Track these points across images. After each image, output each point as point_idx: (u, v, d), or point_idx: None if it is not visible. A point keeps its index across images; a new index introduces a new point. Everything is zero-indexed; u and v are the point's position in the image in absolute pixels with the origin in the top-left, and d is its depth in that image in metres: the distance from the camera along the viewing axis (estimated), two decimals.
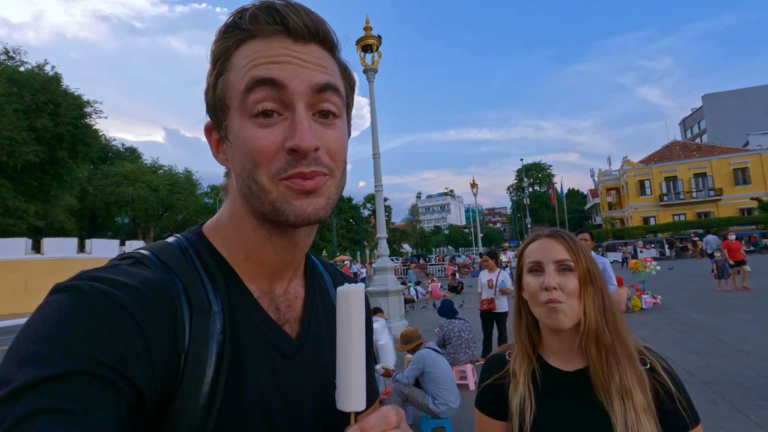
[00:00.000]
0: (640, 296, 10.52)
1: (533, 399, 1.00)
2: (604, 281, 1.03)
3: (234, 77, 0.54)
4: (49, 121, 23.27)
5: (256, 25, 0.53)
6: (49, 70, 25.23)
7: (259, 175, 0.53)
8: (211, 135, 0.60)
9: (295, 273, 0.67)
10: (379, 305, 8.23)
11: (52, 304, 0.45)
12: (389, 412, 0.48)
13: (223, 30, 0.55)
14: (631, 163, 44.44)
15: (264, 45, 0.53)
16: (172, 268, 0.54)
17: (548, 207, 61.76)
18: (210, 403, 0.49)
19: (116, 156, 41.03)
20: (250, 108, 0.52)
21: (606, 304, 1.01)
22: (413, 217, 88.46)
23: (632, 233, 38.04)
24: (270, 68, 0.52)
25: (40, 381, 0.38)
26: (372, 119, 9.76)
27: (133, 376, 0.43)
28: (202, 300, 0.53)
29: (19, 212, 23.38)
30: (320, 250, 52.92)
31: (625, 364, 0.95)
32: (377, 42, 9.42)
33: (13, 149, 21.66)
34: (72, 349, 0.40)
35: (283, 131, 0.53)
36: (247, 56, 0.53)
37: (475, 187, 30.08)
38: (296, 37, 0.54)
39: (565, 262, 1.01)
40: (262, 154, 0.52)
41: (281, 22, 0.53)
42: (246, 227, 0.59)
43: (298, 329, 0.64)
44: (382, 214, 9.59)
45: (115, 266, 0.51)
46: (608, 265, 5.02)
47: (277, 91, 0.52)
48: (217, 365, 0.51)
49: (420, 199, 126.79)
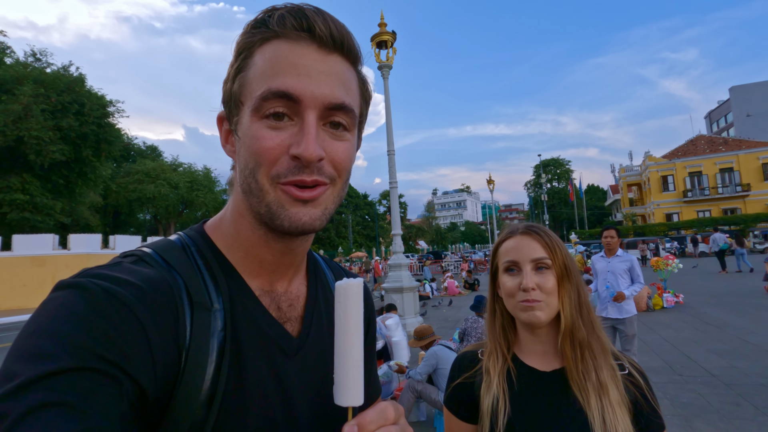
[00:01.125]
0: (662, 294, 10.27)
1: (507, 400, 0.96)
2: (579, 275, 1.01)
3: (252, 76, 0.54)
4: (74, 121, 23.96)
5: (282, 27, 0.54)
6: (73, 71, 25.96)
7: (260, 175, 0.54)
8: (223, 125, 0.61)
9: (296, 272, 0.67)
10: (393, 302, 8.25)
11: (55, 300, 0.45)
12: (387, 407, 0.48)
13: (251, 25, 0.56)
14: (654, 158, 43.22)
15: (287, 48, 0.54)
16: (174, 265, 0.54)
17: (567, 203, 60.68)
18: (211, 399, 0.50)
19: (138, 154, 42.06)
20: (262, 110, 0.53)
21: (581, 299, 0.99)
22: (429, 213, 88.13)
23: (654, 230, 37.07)
24: (287, 78, 0.52)
25: (44, 376, 0.39)
26: (387, 116, 9.75)
27: (135, 373, 0.44)
28: (203, 298, 0.54)
29: (46, 209, 24.19)
30: (336, 247, 53.24)
31: (600, 359, 0.94)
32: (392, 38, 9.39)
33: (40, 148, 22.41)
34: (75, 345, 0.41)
35: (290, 136, 0.53)
36: (268, 57, 0.54)
37: (491, 183, 29.76)
38: (320, 45, 0.55)
39: (542, 260, 0.98)
40: (266, 154, 0.53)
41: (308, 28, 0.54)
42: (245, 225, 0.59)
43: (299, 327, 0.64)
44: (396, 210, 9.59)
45: (117, 264, 0.52)
46: (636, 262, 4.90)
47: (291, 101, 0.53)
48: (217, 362, 0.52)
49: (436, 196, 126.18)
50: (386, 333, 4.96)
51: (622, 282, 4.85)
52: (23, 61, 25.36)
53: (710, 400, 4.46)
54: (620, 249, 5.05)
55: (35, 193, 23.46)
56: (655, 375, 5.36)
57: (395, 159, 9.58)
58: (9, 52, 26.02)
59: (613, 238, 4.97)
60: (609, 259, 4.99)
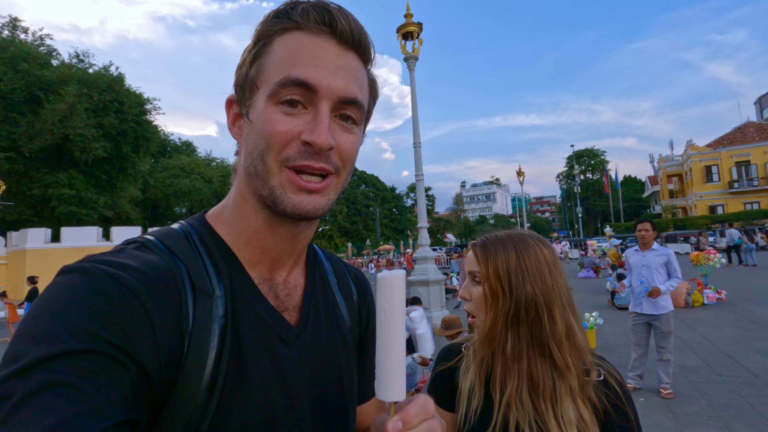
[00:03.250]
0: (702, 290, 9.79)
1: (482, 388, 1.00)
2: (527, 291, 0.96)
3: (271, 63, 0.56)
4: (115, 119, 25.14)
5: (305, 20, 0.56)
6: (113, 71, 27.20)
7: (269, 157, 0.55)
8: (231, 108, 0.62)
9: (296, 263, 0.68)
10: (419, 295, 8.25)
11: (60, 284, 0.46)
12: (428, 400, 0.49)
13: (273, 15, 0.58)
14: (697, 147, 40.97)
15: (308, 40, 0.56)
16: (176, 252, 0.55)
17: (601, 195, 58.57)
18: (212, 384, 0.51)
19: (174, 150, 43.72)
20: (279, 96, 0.55)
21: (523, 318, 0.95)
22: (457, 206, 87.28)
23: (696, 223, 35.26)
24: (307, 68, 0.54)
25: (49, 357, 0.40)
26: (413, 108, 9.68)
27: (139, 356, 0.44)
28: (204, 284, 0.55)
29: (91, 203, 25.58)
30: (364, 239, 53.64)
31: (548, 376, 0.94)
32: (418, 29, 9.28)
33: (84, 145, 23.66)
34: (80, 328, 0.42)
35: (303, 123, 0.55)
36: (288, 47, 0.55)
37: (521, 175, 29.10)
38: (339, 41, 0.57)
39: (475, 273, 1.03)
40: (277, 137, 0.54)
41: (329, 23, 0.56)
42: (248, 209, 0.60)
43: (297, 317, 0.65)
44: (423, 203, 9.55)
45: (121, 250, 0.54)
46: (673, 256, 4.70)
47: (308, 90, 0.55)
48: (219, 348, 0.53)
49: (464, 188, 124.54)
50: (410, 325, 4.97)
51: (657, 277, 4.67)
52: (68, 63, 26.79)
53: (752, 401, 4.24)
54: (656, 243, 4.85)
55: (80, 188, 24.84)
56: (692, 374, 5.15)
57: (421, 151, 9.53)
58: (55, 54, 27.56)
59: (648, 232, 4.77)
60: (644, 253, 4.81)
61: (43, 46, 27.05)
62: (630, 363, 4.88)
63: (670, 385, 4.57)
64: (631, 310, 4.89)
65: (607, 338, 7.10)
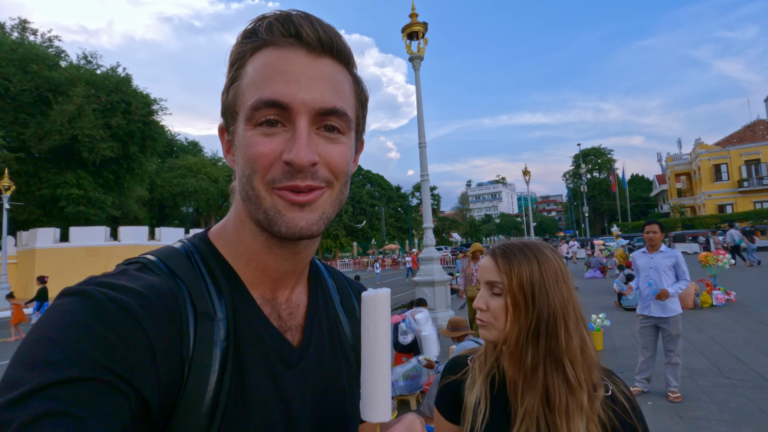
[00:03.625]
0: (711, 292, 9.67)
1: (488, 402, 0.99)
2: (549, 305, 0.95)
3: (244, 86, 0.55)
4: (122, 119, 25.33)
5: (270, 35, 0.54)
6: (121, 72, 27.41)
7: (256, 182, 0.54)
8: (224, 136, 0.62)
9: (298, 280, 0.67)
10: (424, 296, 8.23)
11: (61, 307, 0.45)
12: (414, 421, 0.48)
13: (242, 36, 0.57)
14: (705, 145, 40.48)
15: (276, 56, 0.54)
16: (178, 274, 0.55)
17: (608, 194, 58.11)
18: (213, 409, 0.50)
19: (180, 150, 43.93)
20: (254, 119, 0.54)
21: (545, 330, 0.94)
22: (463, 205, 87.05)
23: (705, 222, 34.85)
24: (277, 86, 0.53)
25: (49, 385, 0.39)
26: (418, 108, 9.65)
27: (139, 384, 0.44)
28: (207, 307, 0.54)
29: (99, 203, 25.81)
30: (369, 239, 53.65)
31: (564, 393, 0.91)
32: (423, 29, 9.25)
33: (92, 146, 23.86)
34: (80, 355, 0.41)
35: (283, 142, 0.53)
36: (258, 66, 0.54)
37: (527, 174, 28.93)
38: (309, 49, 0.55)
39: (495, 284, 1.00)
40: (259, 160, 0.53)
41: (295, 33, 0.54)
42: (246, 232, 0.60)
43: (300, 337, 0.64)
44: (428, 203, 9.52)
45: (123, 272, 0.53)
46: (681, 258, 4.64)
47: (282, 109, 0.53)
48: (220, 373, 0.52)
49: (470, 187, 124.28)
50: (416, 327, 4.96)
51: (665, 279, 4.61)
52: (76, 64, 27.03)
53: (762, 406, 4.18)
54: (663, 244, 4.79)
55: (88, 187, 25.07)
56: (700, 378, 5.09)
57: (426, 151, 9.50)
58: (63, 56, 27.80)
59: (656, 234, 4.71)
60: (651, 254, 4.75)
61: (51, 48, 27.29)
62: (637, 366, 4.83)
63: (678, 389, 4.51)
64: (639, 313, 4.84)
65: (614, 340, 7.04)
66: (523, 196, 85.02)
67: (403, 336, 4.97)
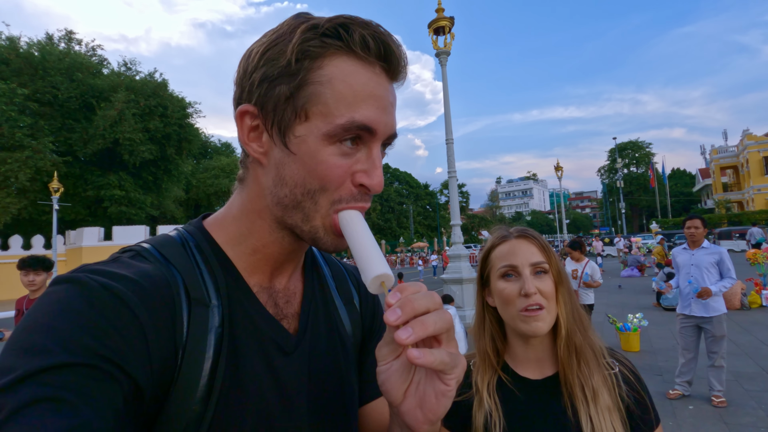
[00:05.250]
0: (760, 291, 9.09)
1: (500, 413, 0.93)
2: (568, 279, 1.00)
3: (329, 96, 0.52)
4: (159, 123, 26.48)
5: (359, 47, 0.52)
6: (158, 77, 28.63)
7: (322, 198, 0.54)
8: (246, 119, 0.56)
9: (295, 268, 0.67)
10: (452, 293, 8.16)
11: (53, 295, 0.45)
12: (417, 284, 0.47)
13: (320, 32, 0.52)
14: (754, 136, 38.05)
15: (365, 75, 0.53)
16: (172, 261, 0.54)
17: (647, 190, 55.69)
18: (207, 396, 0.50)
19: (214, 151, 45.43)
20: (338, 137, 0.52)
21: (575, 303, 0.97)
22: (492, 202, 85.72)
23: (753, 218, 32.75)
24: (369, 111, 0.52)
25: (40, 371, 0.39)
26: (445, 104, 9.56)
27: (131, 370, 0.44)
28: (201, 294, 0.53)
29: (139, 203, 27.08)
30: (397, 237, 53.69)
31: (592, 364, 0.93)
32: (450, 23, 9.14)
33: (133, 149, 25.06)
34: (71, 341, 0.41)
35: (357, 163, 0.54)
36: (347, 80, 0.52)
37: (559, 170, 28.13)
38: (389, 75, 0.56)
39: (540, 264, 0.96)
40: (334, 181, 0.53)
41: (385, 55, 0.54)
42: (263, 226, 0.59)
43: (296, 324, 0.64)
44: (455, 200, 9.42)
45: (116, 259, 0.53)
46: (726, 255, 4.40)
47: (367, 132, 0.53)
48: (214, 359, 0.52)
49: (500, 184, 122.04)
50: None
51: (708, 277, 4.37)
52: (117, 71, 28.47)
53: None
54: (706, 240, 4.54)
55: (129, 189, 26.36)
56: (748, 382, 4.79)
57: (455, 148, 9.40)
58: (105, 64, 29.33)
59: (698, 229, 4.47)
60: (693, 251, 4.52)
61: (95, 57, 28.83)
62: (677, 368, 4.60)
63: (722, 393, 4.27)
64: (679, 312, 4.61)
65: (652, 341, 6.74)
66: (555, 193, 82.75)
67: None
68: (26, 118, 21.59)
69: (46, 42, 26.13)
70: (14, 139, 21.02)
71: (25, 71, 23.54)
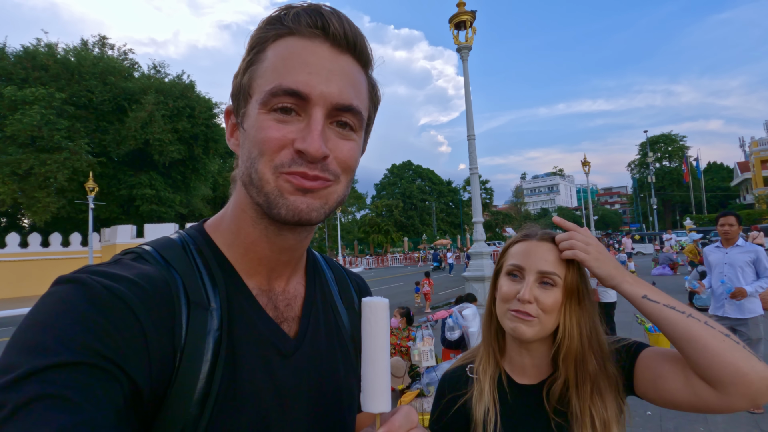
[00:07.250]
0: None
1: (498, 411, 0.92)
2: (589, 298, 0.92)
3: (263, 70, 0.55)
4: (187, 123, 27.25)
5: (297, 24, 0.55)
6: (185, 79, 29.46)
7: (261, 164, 0.54)
8: (229, 119, 0.62)
9: (294, 271, 0.68)
10: (474, 291, 8.08)
11: (55, 294, 0.46)
12: (411, 411, 0.49)
13: (266, 22, 0.57)
14: None
15: (300, 45, 0.55)
16: (173, 264, 0.55)
17: (680, 185, 53.43)
18: (205, 398, 0.51)
19: None
20: (270, 104, 0.54)
21: (593, 327, 0.91)
22: (517, 199, 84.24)
23: None
24: (298, 76, 0.53)
25: (42, 369, 0.39)
26: (466, 99, 9.44)
27: (131, 370, 0.44)
28: (200, 296, 0.54)
29: (168, 202, 27.99)
30: (420, 234, 53.52)
31: (606, 396, 0.88)
32: (471, 17, 9.00)
33: (162, 149, 25.90)
34: (73, 340, 0.42)
35: (296, 131, 0.54)
36: (280, 53, 0.55)
37: (587, 165, 27.33)
38: (333, 44, 0.56)
39: (549, 275, 0.90)
40: (269, 144, 0.53)
41: (322, 26, 0.55)
42: (246, 220, 0.60)
43: (296, 328, 0.64)
44: (477, 197, 9.30)
45: (117, 261, 0.54)
46: (763, 254, 4.19)
47: (300, 99, 0.53)
48: (213, 361, 0.52)
49: (525, 180, 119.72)
50: (463, 323, 4.89)
51: (743, 276, 4.17)
52: (147, 74, 29.45)
53: None
54: (741, 238, 4.33)
55: (159, 188, 27.27)
56: None
57: (477, 144, 9.27)
58: (136, 67, 30.39)
59: (732, 226, 4.27)
60: (726, 249, 4.32)
61: (126, 60, 29.88)
62: None
63: None
64: (712, 313, 4.42)
65: None
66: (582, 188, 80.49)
67: (449, 332, 4.92)
68: (64, 121, 22.56)
69: (81, 47, 27.25)
70: (53, 141, 22.04)
71: (62, 76, 24.63)
